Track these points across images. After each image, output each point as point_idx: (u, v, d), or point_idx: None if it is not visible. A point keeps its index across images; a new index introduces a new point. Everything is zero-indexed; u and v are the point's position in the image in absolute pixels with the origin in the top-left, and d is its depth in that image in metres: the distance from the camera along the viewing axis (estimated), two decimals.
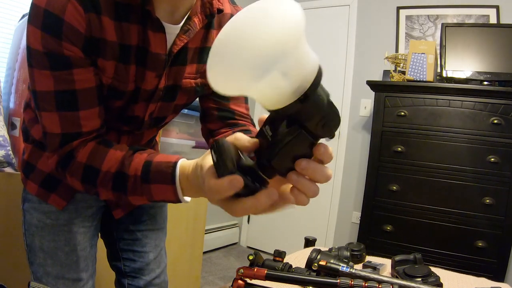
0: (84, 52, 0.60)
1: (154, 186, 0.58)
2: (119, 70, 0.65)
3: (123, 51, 0.64)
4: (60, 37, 0.57)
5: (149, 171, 0.58)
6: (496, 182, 2.13)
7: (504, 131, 2.12)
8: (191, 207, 2.03)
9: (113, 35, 0.62)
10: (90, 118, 0.63)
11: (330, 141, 3.10)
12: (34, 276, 0.82)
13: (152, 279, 0.96)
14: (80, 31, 0.58)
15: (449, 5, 2.64)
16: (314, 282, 0.65)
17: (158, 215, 0.99)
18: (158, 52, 0.67)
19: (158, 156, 0.59)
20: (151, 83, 0.70)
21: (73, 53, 0.59)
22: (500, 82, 2.25)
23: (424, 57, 2.43)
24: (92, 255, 0.88)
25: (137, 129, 0.80)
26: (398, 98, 2.40)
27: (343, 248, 1.09)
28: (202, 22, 0.70)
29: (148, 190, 0.58)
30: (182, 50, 0.71)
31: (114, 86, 0.67)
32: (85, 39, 0.59)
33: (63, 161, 0.64)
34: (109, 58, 0.63)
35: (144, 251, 0.95)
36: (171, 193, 0.57)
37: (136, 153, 0.61)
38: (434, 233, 2.27)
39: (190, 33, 0.69)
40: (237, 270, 0.69)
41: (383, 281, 0.70)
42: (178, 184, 0.56)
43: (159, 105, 0.76)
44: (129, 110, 0.73)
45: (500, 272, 2.11)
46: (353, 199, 2.98)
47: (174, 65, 0.71)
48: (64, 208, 0.81)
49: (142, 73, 0.68)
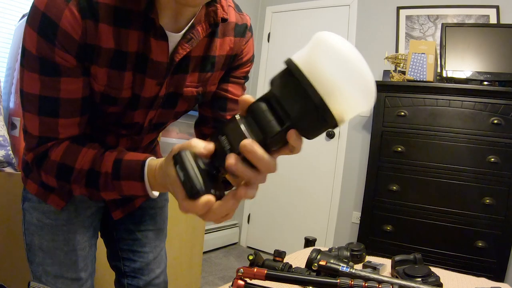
0: (78, 59, 0.61)
1: (124, 183, 0.62)
2: (112, 77, 0.65)
3: (118, 58, 0.64)
4: (53, 43, 0.58)
5: (120, 169, 0.62)
6: (496, 182, 2.13)
7: (504, 131, 2.12)
8: None
9: (109, 41, 0.62)
10: (68, 126, 0.65)
11: (330, 141, 3.10)
12: (34, 275, 0.82)
13: (152, 279, 0.96)
14: (75, 38, 0.58)
15: (449, 5, 2.64)
16: (314, 282, 0.65)
17: (158, 215, 0.99)
18: (159, 60, 0.66)
19: (128, 155, 0.63)
20: (151, 91, 0.70)
21: (65, 60, 0.60)
22: (500, 82, 2.25)
23: (424, 57, 2.43)
24: (91, 254, 0.88)
25: (136, 135, 0.80)
26: (398, 98, 2.40)
27: (343, 248, 1.09)
28: (206, 31, 0.69)
29: (119, 186, 0.62)
30: (184, 59, 0.70)
31: (107, 93, 0.67)
32: (79, 46, 0.60)
33: (38, 160, 0.66)
34: (102, 65, 0.63)
35: (143, 251, 0.95)
36: (140, 189, 0.61)
37: (107, 152, 0.65)
38: (434, 233, 2.27)
39: (193, 42, 0.68)
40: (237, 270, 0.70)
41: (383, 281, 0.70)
42: (147, 181, 0.60)
43: (159, 112, 0.76)
44: (128, 116, 0.73)
45: (500, 272, 2.11)
46: (353, 199, 2.98)
47: (176, 73, 0.71)
48: (63, 208, 0.81)
49: (141, 80, 0.67)
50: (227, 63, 0.78)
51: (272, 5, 3.50)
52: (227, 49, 0.76)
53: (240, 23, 0.77)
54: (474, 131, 2.19)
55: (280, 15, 3.46)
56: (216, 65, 0.75)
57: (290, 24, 3.37)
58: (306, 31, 3.20)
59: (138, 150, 0.87)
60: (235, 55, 0.78)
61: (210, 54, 0.74)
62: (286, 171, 3.26)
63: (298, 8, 3.31)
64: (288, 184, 3.28)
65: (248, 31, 0.79)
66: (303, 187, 3.22)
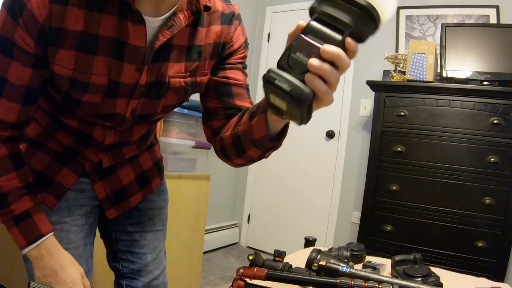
0: (37, 42, 0.62)
1: (15, 229, 0.71)
2: (79, 59, 0.65)
3: (87, 41, 0.64)
4: (17, 21, 0.60)
5: (23, 220, 0.71)
6: (496, 182, 2.13)
7: (504, 131, 2.12)
8: (191, 207, 2.03)
9: (78, 24, 0.62)
10: (7, 109, 0.67)
11: (330, 141, 3.10)
12: (29, 273, 0.82)
13: (151, 280, 0.95)
14: (39, 20, 0.60)
15: (449, 5, 2.64)
16: (314, 282, 0.66)
17: (157, 216, 0.99)
18: (137, 44, 0.66)
19: (38, 216, 0.73)
20: (130, 77, 0.69)
21: (24, 42, 0.62)
22: (500, 82, 2.25)
23: (424, 57, 2.43)
24: (86, 253, 0.87)
25: (119, 126, 0.78)
26: (398, 98, 2.40)
27: (343, 248, 1.09)
28: (188, 19, 0.69)
29: (10, 225, 0.71)
30: (166, 47, 0.70)
31: (75, 77, 0.66)
32: (41, 29, 0.61)
33: None
34: (69, 47, 0.64)
35: (142, 252, 0.95)
36: (20, 244, 0.72)
37: (26, 196, 0.72)
38: (434, 233, 2.27)
39: (174, 29, 0.68)
40: (237, 270, 0.70)
41: (383, 281, 0.70)
42: (32, 247, 0.71)
43: (141, 102, 0.74)
44: (108, 106, 0.72)
45: (500, 272, 2.11)
46: (353, 199, 2.98)
47: (157, 61, 0.70)
48: (56, 206, 0.81)
49: (118, 66, 0.67)
50: (215, 51, 0.77)
51: (272, 5, 3.50)
52: (214, 37, 0.75)
53: (227, 11, 0.77)
54: (474, 131, 2.19)
55: (280, 15, 3.46)
56: (203, 54, 0.75)
57: (290, 24, 3.35)
58: None
59: (130, 145, 0.87)
60: (223, 43, 0.77)
61: (196, 44, 0.74)
62: (286, 171, 3.26)
63: (298, 8, 3.31)
64: (288, 184, 3.28)
65: (235, 19, 0.78)
66: (303, 187, 3.22)
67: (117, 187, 0.90)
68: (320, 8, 0.46)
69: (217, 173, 2.95)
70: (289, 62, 0.46)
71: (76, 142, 0.81)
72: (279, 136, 0.67)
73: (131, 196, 0.92)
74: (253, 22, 3.55)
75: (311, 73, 0.45)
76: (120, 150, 0.86)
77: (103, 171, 0.87)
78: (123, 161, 0.90)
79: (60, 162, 0.83)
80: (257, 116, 0.65)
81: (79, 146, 0.82)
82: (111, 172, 0.88)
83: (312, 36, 0.46)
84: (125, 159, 0.90)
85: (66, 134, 0.80)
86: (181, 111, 1.93)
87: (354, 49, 0.46)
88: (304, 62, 0.45)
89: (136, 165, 0.93)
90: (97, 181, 0.87)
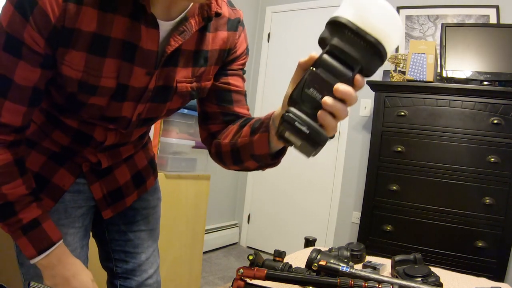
0: (48, 42, 0.59)
1: (23, 239, 0.68)
2: (90, 62, 0.62)
3: (99, 43, 0.61)
4: (27, 18, 0.56)
5: (32, 229, 0.68)
6: (496, 182, 2.13)
7: (504, 131, 2.12)
8: (191, 207, 2.03)
9: (92, 25, 0.60)
10: (12, 112, 0.63)
11: (331, 141, 3.10)
12: (25, 277, 0.81)
13: (144, 279, 0.94)
14: (51, 19, 0.57)
15: (449, 5, 2.64)
16: (314, 282, 0.66)
17: (151, 215, 0.98)
18: (149, 48, 0.65)
19: (47, 223, 0.70)
20: (140, 81, 0.68)
21: (33, 41, 0.58)
22: (500, 82, 2.25)
23: (424, 57, 2.43)
24: (83, 255, 0.87)
25: (124, 129, 0.77)
26: (398, 98, 2.40)
27: (343, 248, 1.09)
28: (199, 24, 0.69)
29: (18, 235, 0.68)
30: (175, 52, 0.69)
31: (85, 80, 0.64)
32: (54, 29, 0.58)
33: None
34: (80, 49, 0.61)
35: (136, 252, 0.94)
36: (29, 253, 0.69)
37: (34, 203, 0.69)
38: (434, 233, 2.27)
39: (185, 34, 0.67)
40: (237, 270, 0.70)
41: (383, 281, 0.70)
42: (43, 256, 0.69)
43: (148, 106, 0.74)
44: (115, 109, 0.71)
45: (500, 272, 2.11)
46: (353, 199, 2.98)
47: (166, 66, 0.70)
48: (53, 209, 0.80)
49: (128, 69, 0.66)
50: (221, 57, 0.77)
51: (272, 5, 3.50)
52: (220, 43, 0.75)
53: (233, 17, 0.76)
54: (474, 131, 2.19)
55: (280, 15, 3.46)
56: (209, 59, 0.75)
57: (290, 24, 3.37)
58: (306, 31, 3.20)
59: (127, 145, 0.86)
60: (228, 49, 0.77)
61: (203, 49, 0.73)
62: (286, 171, 3.26)
63: (298, 8, 3.31)
64: (288, 184, 3.28)
65: (240, 26, 0.78)
66: (303, 187, 3.22)
67: (113, 187, 0.89)
68: (331, 41, 0.48)
69: (217, 173, 2.95)
70: (303, 97, 0.49)
71: (74, 142, 0.79)
72: (279, 153, 0.68)
73: (127, 196, 0.92)
74: (253, 22, 3.55)
75: (324, 111, 0.47)
76: (118, 150, 0.86)
77: (100, 172, 0.86)
78: (120, 161, 0.89)
79: (56, 162, 0.81)
80: (259, 133, 0.65)
81: (77, 146, 0.80)
82: (107, 172, 0.87)
83: (324, 70, 0.48)
84: (122, 159, 0.89)
85: (63, 133, 0.79)
86: (181, 111, 1.92)
87: (361, 85, 0.48)
88: (318, 99, 0.48)
89: (131, 165, 0.92)
90: (94, 181, 0.86)
